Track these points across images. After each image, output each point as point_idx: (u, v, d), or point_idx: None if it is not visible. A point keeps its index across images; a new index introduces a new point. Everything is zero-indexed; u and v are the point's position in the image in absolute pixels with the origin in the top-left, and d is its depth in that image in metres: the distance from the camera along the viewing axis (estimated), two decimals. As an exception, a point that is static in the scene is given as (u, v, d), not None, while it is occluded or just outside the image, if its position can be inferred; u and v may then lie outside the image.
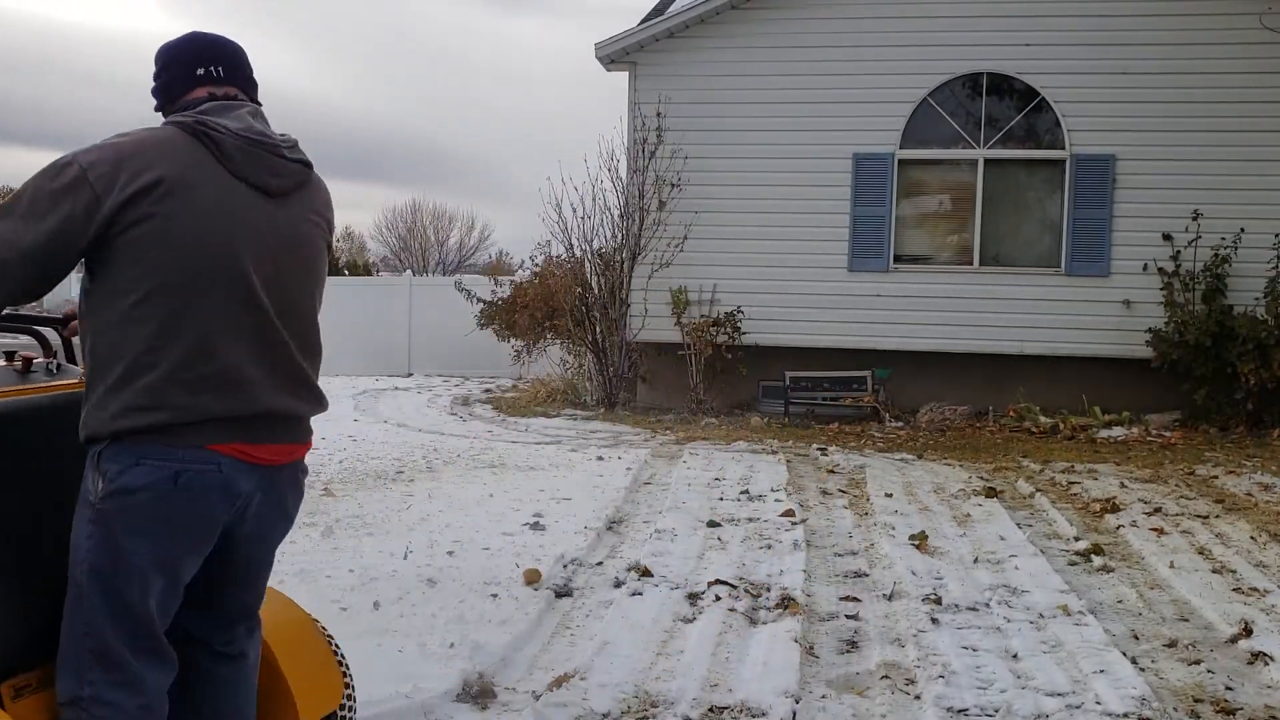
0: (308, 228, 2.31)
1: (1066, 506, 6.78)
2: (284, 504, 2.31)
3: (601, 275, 12.13)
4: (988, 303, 11.41)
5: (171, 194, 2.06)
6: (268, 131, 2.25)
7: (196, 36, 2.33)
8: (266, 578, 2.40)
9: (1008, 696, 3.53)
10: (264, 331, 2.18)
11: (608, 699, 3.41)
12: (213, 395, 2.09)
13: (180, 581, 2.17)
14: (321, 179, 2.40)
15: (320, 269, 2.36)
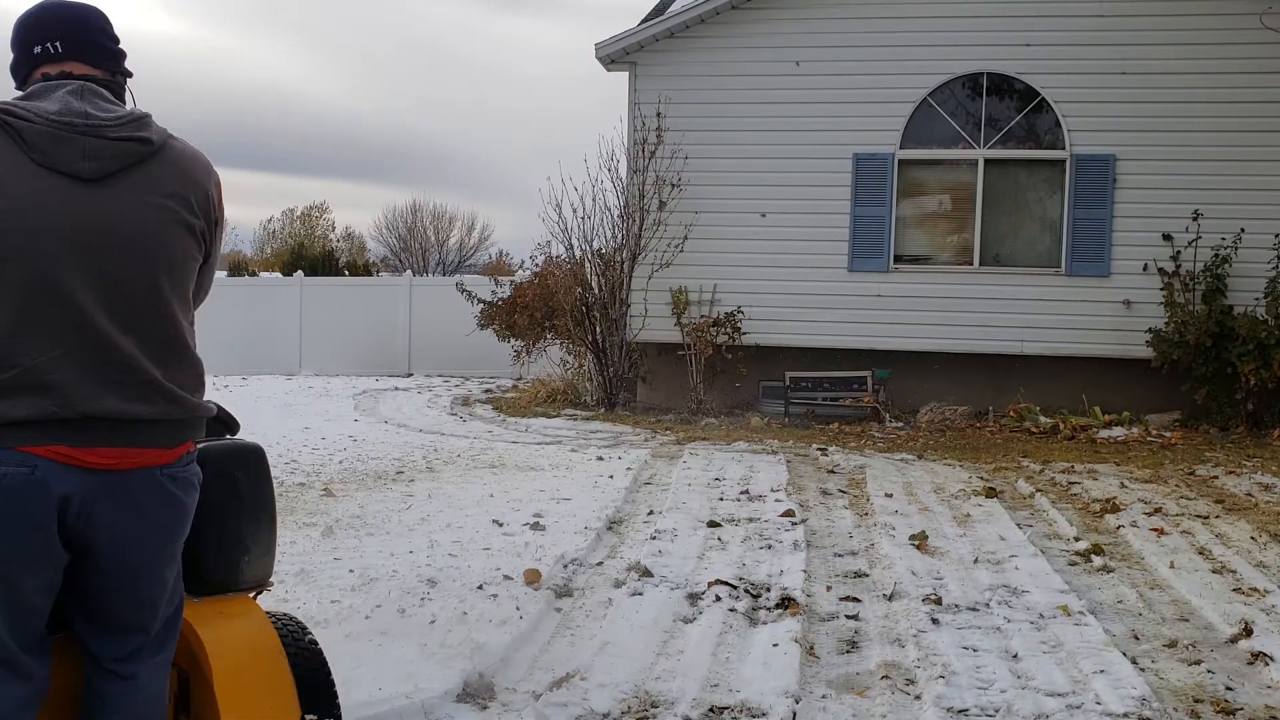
0: (144, 211, 2.08)
1: (1066, 506, 6.78)
2: (145, 511, 2.10)
3: (601, 275, 12.13)
4: (988, 303, 11.42)
5: None
6: (91, 109, 2.05)
7: (35, 9, 2.14)
8: (156, 594, 2.19)
9: (1008, 696, 3.53)
10: (77, 331, 2.02)
11: (608, 699, 3.41)
12: (14, 399, 1.97)
13: (18, 590, 2.02)
14: (187, 153, 2.19)
15: (166, 256, 2.10)
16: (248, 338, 18.90)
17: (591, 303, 12.17)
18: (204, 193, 2.18)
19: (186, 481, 2.19)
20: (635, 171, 11.69)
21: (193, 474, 2.22)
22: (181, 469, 2.17)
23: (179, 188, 2.14)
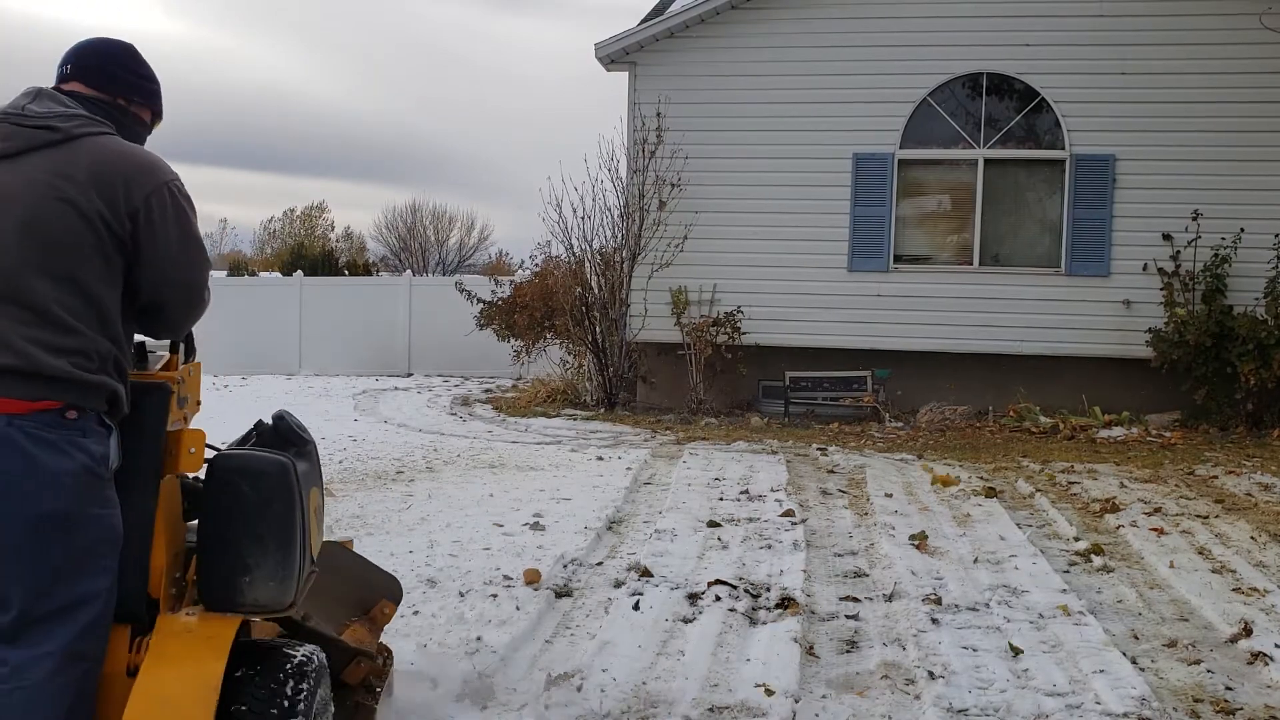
0: (30, 189, 2.23)
1: (1066, 506, 6.78)
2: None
3: (601, 275, 12.13)
4: (988, 303, 11.42)
5: None
6: (30, 105, 2.32)
7: (75, 43, 2.49)
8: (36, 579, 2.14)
9: (1008, 696, 3.53)
10: None
11: (608, 699, 3.41)
12: None
13: None
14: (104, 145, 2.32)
15: (42, 228, 2.22)
16: (247, 338, 18.88)
17: (591, 302, 12.17)
18: (107, 185, 2.27)
19: (49, 442, 2.16)
20: (635, 171, 11.69)
21: (66, 439, 2.18)
22: (40, 427, 2.17)
23: (74, 174, 2.25)
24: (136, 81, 2.50)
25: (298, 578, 2.45)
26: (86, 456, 2.20)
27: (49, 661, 2.14)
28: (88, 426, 2.22)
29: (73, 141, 2.28)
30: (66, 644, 2.15)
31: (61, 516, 2.15)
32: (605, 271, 12.07)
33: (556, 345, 13.30)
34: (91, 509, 2.20)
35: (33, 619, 2.14)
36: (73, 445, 2.19)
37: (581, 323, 12.18)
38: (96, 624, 2.21)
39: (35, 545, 2.14)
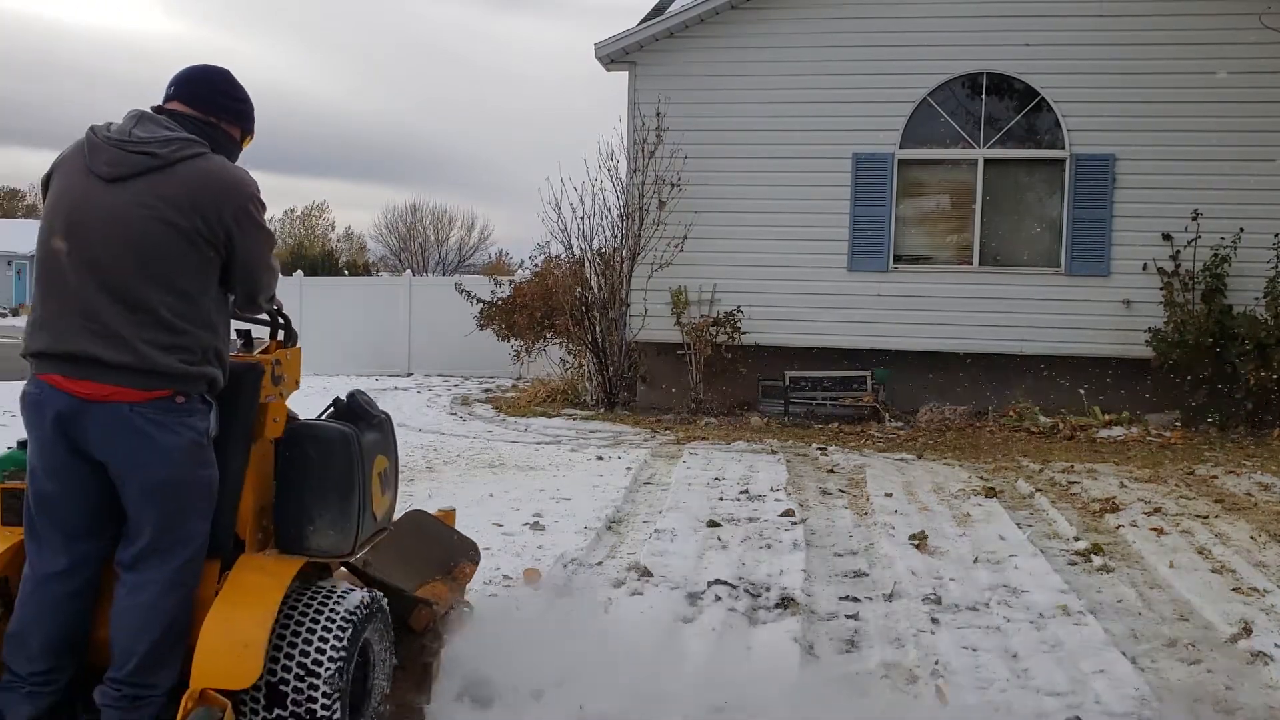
0: (137, 210, 2.67)
1: (1066, 506, 6.77)
2: (118, 436, 2.68)
3: (601, 275, 12.13)
4: (988, 303, 11.41)
5: (50, 179, 2.81)
6: (127, 128, 2.74)
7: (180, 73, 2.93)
8: (150, 525, 2.71)
9: (1008, 696, 3.53)
10: (64, 288, 2.69)
11: (608, 699, 3.40)
12: (32, 335, 2.73)
13: (40, 483, 2.75)
14: (199, 166, 2.74)
15: (150, 242, 2.67)
16: (247, 337, 18.85)
17: (591, 302, 12.17)
18: (203, 203, 2.71)
19: (162, 424, 2.69)
20: (635, 171, 11.69)
21: (175, 419, 2.71)
22: (156, 412, 2.69)
23: (178, 195, 2.69)
24: (227, 103, 2.93)
25: (356, 530, 3.00)
26: (192, 432, 2.75)
27: (156, 586, 2.72)
28: (193, 407, 2.76)
29: (171, 166, 2.71)
30: (170, 573, 2.74)
31: (173, 480, 2.72)
32: (605, 271, 12.07)
33: (556, 345, 13.30)
34: (195, 471, 2.76)
35: (147, 553, 2.73)
36: (181, 424, 2.73)
37: (581, 323, 12.18)
38: (193, 559, 2.78)
39: (154, 500, 2.72)
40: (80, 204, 2.70)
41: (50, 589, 2.74)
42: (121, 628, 2.72)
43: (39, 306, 2.74)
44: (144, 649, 2.70)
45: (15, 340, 32.65)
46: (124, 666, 2.69)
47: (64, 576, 2.75)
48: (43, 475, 2.75)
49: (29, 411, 2.75)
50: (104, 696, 2.70)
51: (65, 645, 2.75)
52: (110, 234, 2.67)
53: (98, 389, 2.67)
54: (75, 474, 2.72)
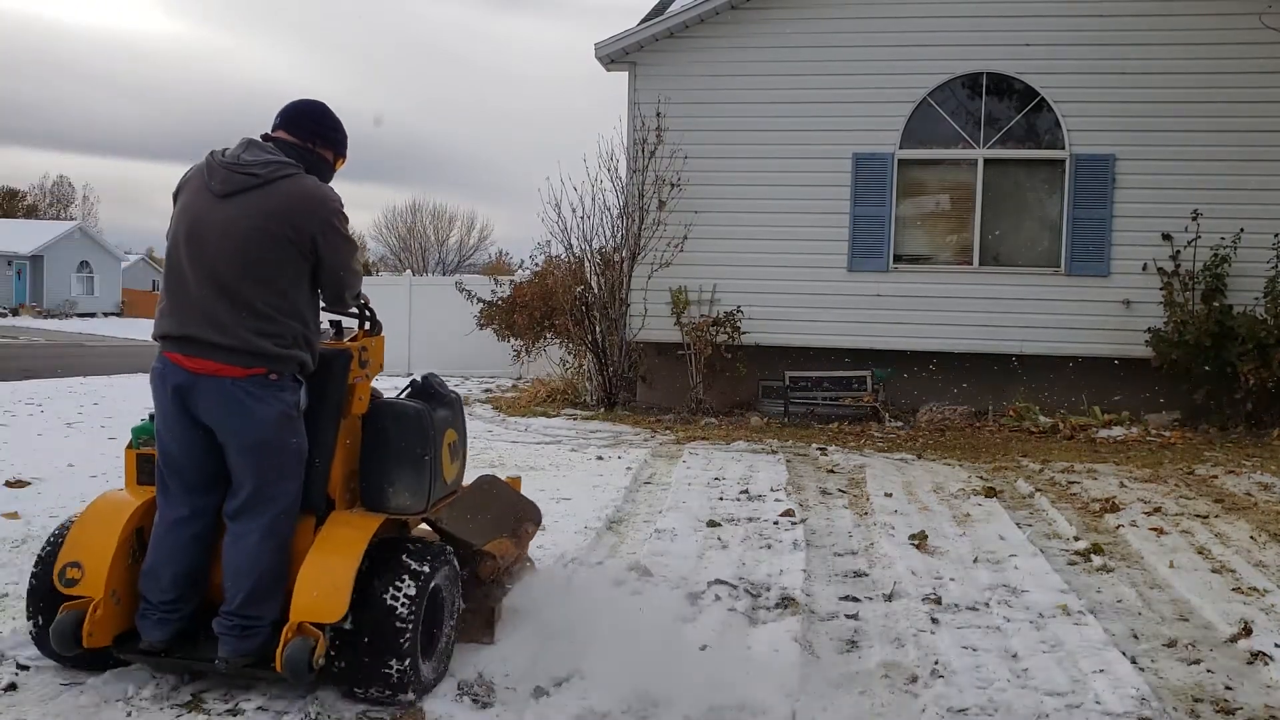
0: (243, 221, 3.28)
1: (1066, 506, 6.77)
2: (223, 405, 3.28)
3: (601, 275, 12.13)
4: (988, 303, 11.42)
5: (179, 194, 3.44)
6: (237, 154, 3.37)
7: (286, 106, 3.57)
8: (248, 482, 3.30)
9: (1008, 696, 3.53)
10: (184, 285, 3.33)
11: (608, 699, 3.41)
12: (159, 321, 3.38)
13: (165, 443, 3.37)
14: (293, 185, 3.35)
15: (255, 248, 3.28)
16: (247, 337, 18.90)
17: (591, 302, 12.17)
18: (293, 218, 3.32)
19: (256, 395, 3.29)
20: (635, 171, 11.69)
21: (269, 393, 3.31)
22: (251, 386, 3.29)
23: (277, 209, 3.31)
24: (323, 131, 3.55)
25: (429, 492, 3.58)
26: (282, 404, 3.33)
27: (255, 534, 3.30)
28: (284, 384, 3.35)
29: (270, 184, 3.33)
30: (266, 524, 3.32)
31: (265, 443, 3.30)
32: (605, 271, 12.07)
33: (556, 345, 13.31)
34: (286, 438, 3.34)
35: (247, 506, 3.32)
36: (273, 397, 3.31)
37: (581, 322, 12.18)
38: (286, 513, 3.37)
39: (250, 460, 3.30)
40: (199, 216, 3.33)
41: (176, 533, 3.36)
42: (229, 569, 3.31)
43: (165, 298, 3.39)
44: (248, 587, 3.27)
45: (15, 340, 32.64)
46: (233, 601, 3.28)
47: (185, 523, 3.36)
48: (166, 437, 3.38)
49: (154, 383, 3.39)
50: (219, 626, 3.27)
51: (188, 580, 3.35)
52: (221, 240, 3.29)
53: (207, 365, 3.28)
54: (190, 436, 3.34)
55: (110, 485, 6.48)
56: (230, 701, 3.33)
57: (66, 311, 50.94)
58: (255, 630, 3.27)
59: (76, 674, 3.46)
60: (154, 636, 3.31)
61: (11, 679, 3.40)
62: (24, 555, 4.80)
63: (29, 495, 6.19)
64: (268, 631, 3.27)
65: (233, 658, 3.26)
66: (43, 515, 5.62)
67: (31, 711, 3.18)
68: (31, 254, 51.91)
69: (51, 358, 24.12)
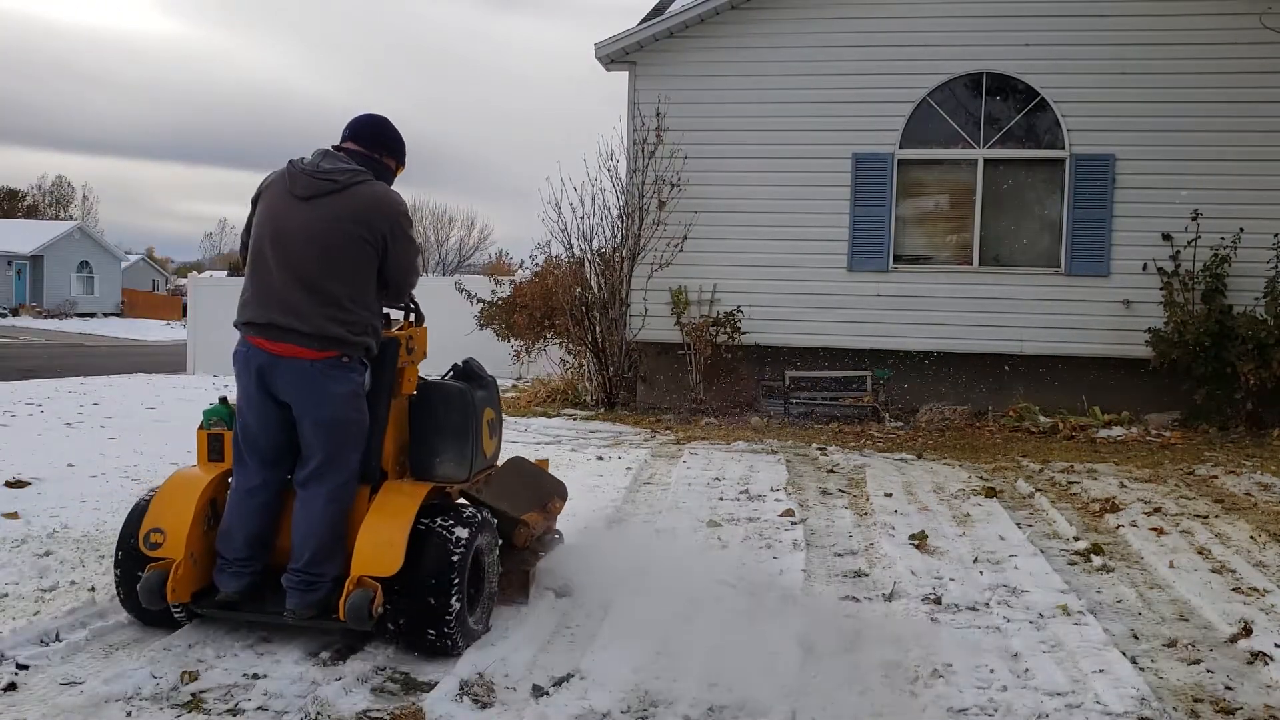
0: (323, 220, 3.74)
1: (1066, 506, 6.78)
2: (300, 384, 3.73)
3: (601, 275, 12.13)
4: (988, 303, 11.42)
5: (260, 198, 3.88)
6: (316, 162, 3.82)
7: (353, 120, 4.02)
8: (320, 451, 3.75)
9: (1008, 696, 3.53)
10: (267, 276, 3.77)
11: (608, 699, 3.41)
12: (242, 309, 3.82)
13: (245, 416, 3.83)
14: (369, 191, 3.80)
15: (334, 246, 3.73)
16: (247, 337, 18.81)
17: (591, 302, 12.16)
18: (367, 218, 3.77)
19: (330, 375, 3.73)
20: (635, 171, 11.69)
21: (341, 373, 3.75)
22: (326, 367, 3.73)
23: (352, 212, 3.75)
24: (386, 142, 4.01)
25: (471, 463, 4.06)
26: (352, 384, 3.78)
27: (321, 500, 3.75)
28: (354, 366, 3.79)
29: (346, 189, 3.77)
30: (331, 491, 3.77)
31: (336, 418, 3.75)
32: (605, 271, 12.07)
33: (556, 345, 13.29)
34: (352, 414, 3.78)
35: (315, 474, 3.76)
36: (344, 378, 3.76)
37: (581, 323, 12.18)
38: (349, 482, 3.81)
39: (322, 433, 3.75)
40: (282, 216, 3.77)
41: (249, 500, 3.82)
42: (297, 530, 3.75)
43: (249, 288, 3.81)
44: (314, 546, 3.71)
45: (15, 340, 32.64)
46: (300, 559, 3.71)
47: (258, 491, 3.83)
48: (246, 412, 3.82)
49: (238, 364, 3.82)
50: (288, 581, 3.72)
51: (258, 541, 3.82)
52: (303, 238, 3.73)
53: (287, 349, 3.72)
54: (268, 412, 3.80)
55: (110, 485, 6.50)
56: (230, 701, 3.33)
57: (66, 311, 50.94)
58: (319, 585, 3.71)
59: (80, 671, 3.46)
60: (230, 588, 3.79)
61: (11, 679, 3.40)
62: (24, 555, 4.80)
63: (29, 495, 6.18)
64: (329, 587, 3.70)
65: (299, 609, 3.69)
66: (43, 515, 5.62)
67: (31, 711, 3.18)
68: (31, 254, 51.92)
69: (51, 358, 24.12)
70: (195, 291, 20.29)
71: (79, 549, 4.94)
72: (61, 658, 3.61)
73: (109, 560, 4.70)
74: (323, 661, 3.67)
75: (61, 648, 3.67)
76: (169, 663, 3.58)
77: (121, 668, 3.51)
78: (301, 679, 3.52)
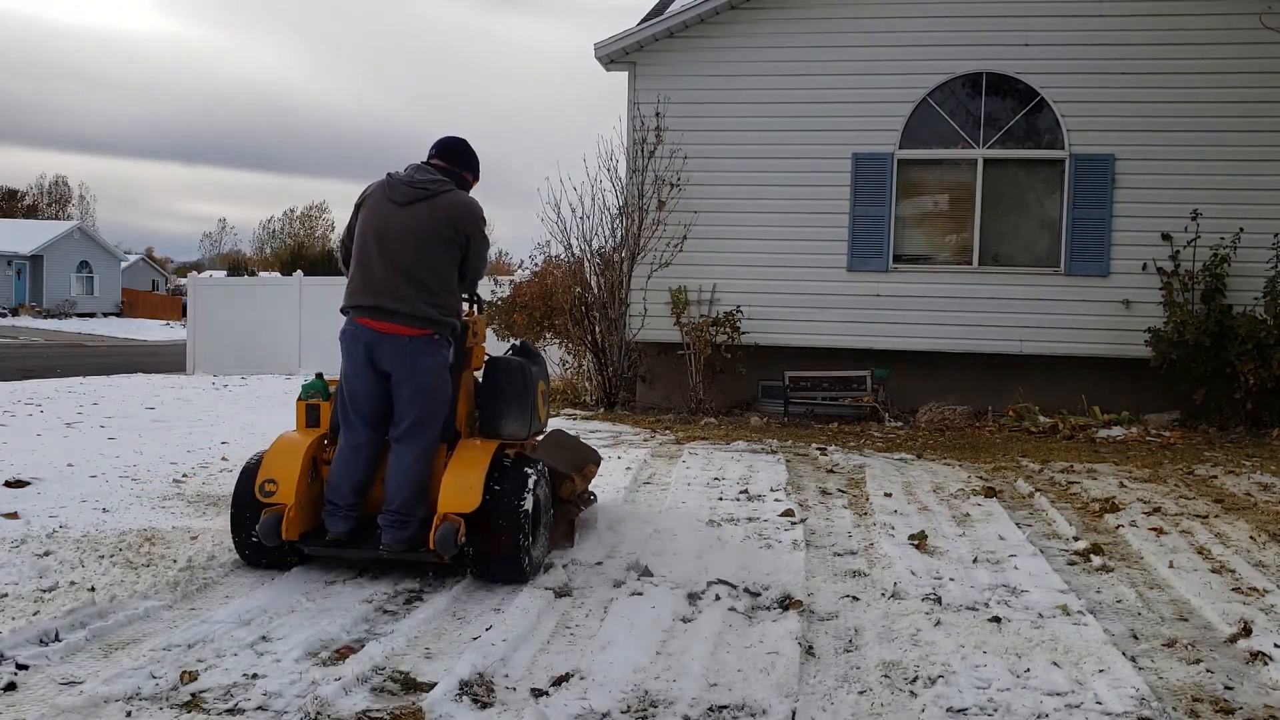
0: (419, 222, 4.60)
1: (1066, 506, 6.78)
2: (400, 357, 4.54)
3: (601, 275, 12.13)
4: (987, 303, 11.42)
5: (363, 205, 4.73)
6: (410, 175, 4.70)
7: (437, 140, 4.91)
8: (414, 413, 4.56)
9: (1008, 696, 3.53)
10: (372, 268, 4.60)
11: (608, 699, 3.41)
12: (350, 295, 4.65)
13: (352, 384, 4.63)
14: (454, 198, 4.69)
15: (427, 243, 4.58)
16: (247, 337, 18.84)
17: (591, 302, 12.17)
18: (453, 221, 4.64)
19: (425, 350, 4.56)
20: (634, 171, 11.70)
21: (433, 348, 4.58)
22: (422, 343, 4.55)
23: (441, 215, 4.62)
24: (465, 160, 4.88)
25: (529, 425, 4.95)
26: (441, 358, 4.62)
27: (411, 454, 4.58)
28: (443, 343, 4.63)
29: (436, 197, 4.65)
30: (420, 448, 4.60)
31: (428, 386, 4.59)
32: (605, 271, 12.07)
33: (556, 345, 13.30)
34: (440, 383, 4.63)
35: (408, 433, 4.58)
36: (436, 352, 4.60)
37: (581, 322, 12.18)
38: (434, 440, 4.65)
39: (416, 399, 4.57)
40: (384, 219, 4.61)
41: (354, 454, 4.63)
42: (392, 479, 4.55)
43: (356, 278, 4.63)
44: (406, 492, 4.51)
45: (15, 340, 32.63)
46: (394, 502, 4.51)
47: (361, 447, 4.64)
48: (354, 382, 4.62)
49: (346, 341, 4.63)
50: (383, 521, 4.51)
51: (361, 489, 4.64)
52: (402, 236, 4.56)
53: (390, 327, 4.53)
54: (371, 381, 4.60)
55: (110, 485, 6.50)
56: (230, 701, 3.33)
57: (66, 311, 50.96)
58: (410, 523, 4.50)
59: (79, 671, 3.46)
60: (338, 529, 4.58)
61: (11, 679, 3.40)
62: (23, 555, 4.80)
63: (29, 495, 6.18)
64: (418, 526, 4.50)
65: (393, 544, 4.49)
66: (42, 515, 5.62)
67: (31, 711, 3.18)
68: (31, 254, 51.93)
69: (51, 358, 24.13)
70: (195, 291, 20.29)
71: (78, 549, 4.93)
72: (61, 658, 3.61)
73: (109, 560, 4.70)
74: (323, 661, 3.67)
75: (61, 648, 3.67)
76: (169, 663, 3.58)
77: (121, 668, 3.51)
78: (301, 679, 3.52)
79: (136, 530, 5.30)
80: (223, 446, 8.41)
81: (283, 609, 4.21)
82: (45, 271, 52.38)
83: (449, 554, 4.39)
